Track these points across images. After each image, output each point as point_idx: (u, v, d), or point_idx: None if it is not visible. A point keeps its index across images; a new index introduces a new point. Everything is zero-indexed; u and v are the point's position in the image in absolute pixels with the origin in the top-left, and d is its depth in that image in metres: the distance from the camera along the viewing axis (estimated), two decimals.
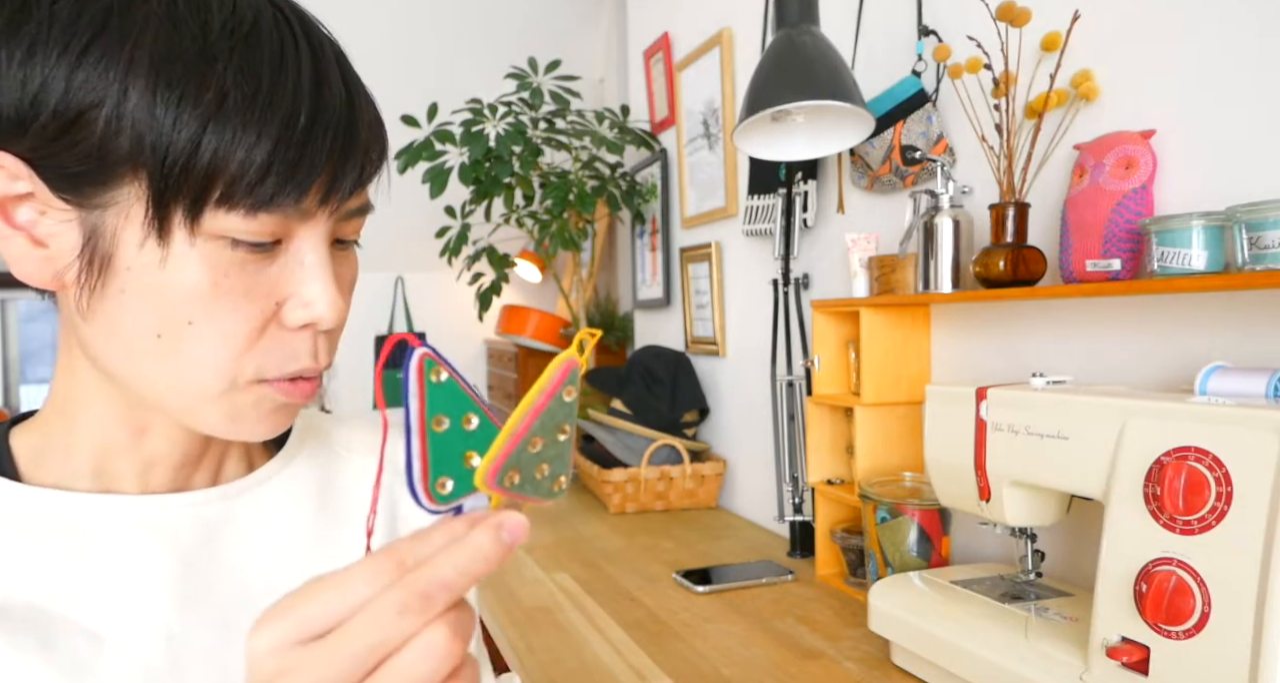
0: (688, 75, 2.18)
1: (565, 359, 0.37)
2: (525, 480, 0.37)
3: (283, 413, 0.51)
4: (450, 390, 0.37)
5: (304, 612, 0.33)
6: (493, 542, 0.34)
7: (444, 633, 0.33)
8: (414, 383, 0.36)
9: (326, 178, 0.46)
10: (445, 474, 0.37)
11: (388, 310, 3.90)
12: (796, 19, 1.30)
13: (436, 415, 0.36)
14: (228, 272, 0.45)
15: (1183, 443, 0.74)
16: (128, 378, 0.48)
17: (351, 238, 0.52)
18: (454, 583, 0.33)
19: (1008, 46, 1.11)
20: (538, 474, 0.37)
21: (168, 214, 0.43)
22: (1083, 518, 1.08)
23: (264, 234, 0.45)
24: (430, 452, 0.36)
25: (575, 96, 2.39)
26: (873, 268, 1.38)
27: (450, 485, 0.37)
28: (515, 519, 0.35)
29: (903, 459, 1.37)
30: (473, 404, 0.38)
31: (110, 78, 0.41)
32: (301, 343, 0.49)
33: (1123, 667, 0.77)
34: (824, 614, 1.31)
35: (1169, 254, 0.89)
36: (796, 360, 1.72)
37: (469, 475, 0.37)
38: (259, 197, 0.43)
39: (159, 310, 0.45)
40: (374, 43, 3.19)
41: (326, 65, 0.46)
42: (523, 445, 0.36)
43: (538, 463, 0.37)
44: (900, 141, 1.39)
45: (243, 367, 0.47)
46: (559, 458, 0.38)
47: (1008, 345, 1.23)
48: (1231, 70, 0.92)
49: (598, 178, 2.42)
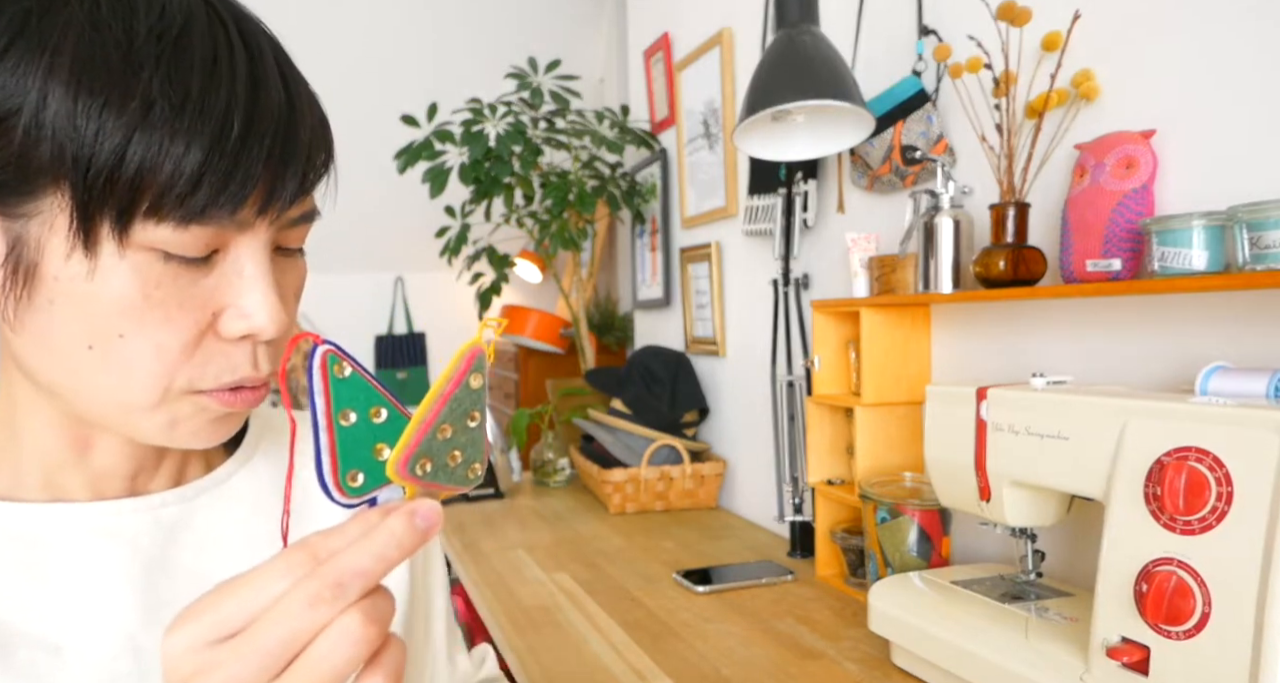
0: (688, 75, 2.18)
1: (471, 347, 0.38)
2: (438, 468, 0.38)
3: (224, 423, 0.50)
4: (355, 385, 0.37)
5: (218, 611, 0.33)
6: (406, 527, 0.34)
7: (357, 620, 0.33)
8: (318, 379, 0.37)
9: (264, 187, 0.44)
10: (355, 467, 0.37)
11: (387, 310, 3.90)
12: (796, 19, 1.30)
13: (343, 410, 0.37)
14: (159, 283, 0.43)
15: (1183, 443, 0.74)
16: (62, 391, 0.47)
17: (295, 246, 0.50)
18: (367, 570, 0.34)
19: (1008, 46, 1.11)
20: (450, 461, 0.38)
21: (93, 226, 0.42)
22: (1083, 518, 1.08)
23: (198, 247, 0.43)
24: (339, 445, 0.37)
25: (575, 96, 2.39)
26: (873, 268, 1.38)
27: (361, 478, 0.37)
28: (429, 505, 0.36)
29: (903, 459, 1.37)
30: (380, 397, 0.38)
31: (28, 84, 0.40)
32: (240, 354, 0.47)
33: (1123, 667, 0.77)
34: (824, 615, 1.31)
35: (1170, 254, 0.89)
36: (796, 360, 1.72)
37: (380, 467, 0.38)
38: (190, 208, 0.42)
39: (88, 322, 0.44)
40: (374, 43, 3.19)
41: (264, 69, 0.44)
42: (432, 433, 0.37)
43: (449, 450, 0.38)
44: (900, 141, 1.39)
45: (175, 378, 0.46)
46: (471, 444, 0.39)
47: (1008, 345, 1.23)
48: (1232, 70, 0.92)
49: (598, 178, 2.42)
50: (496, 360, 3.75)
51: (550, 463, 2.32)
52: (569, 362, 3.31)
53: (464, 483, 0.39)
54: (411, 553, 0.35)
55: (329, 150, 0.49)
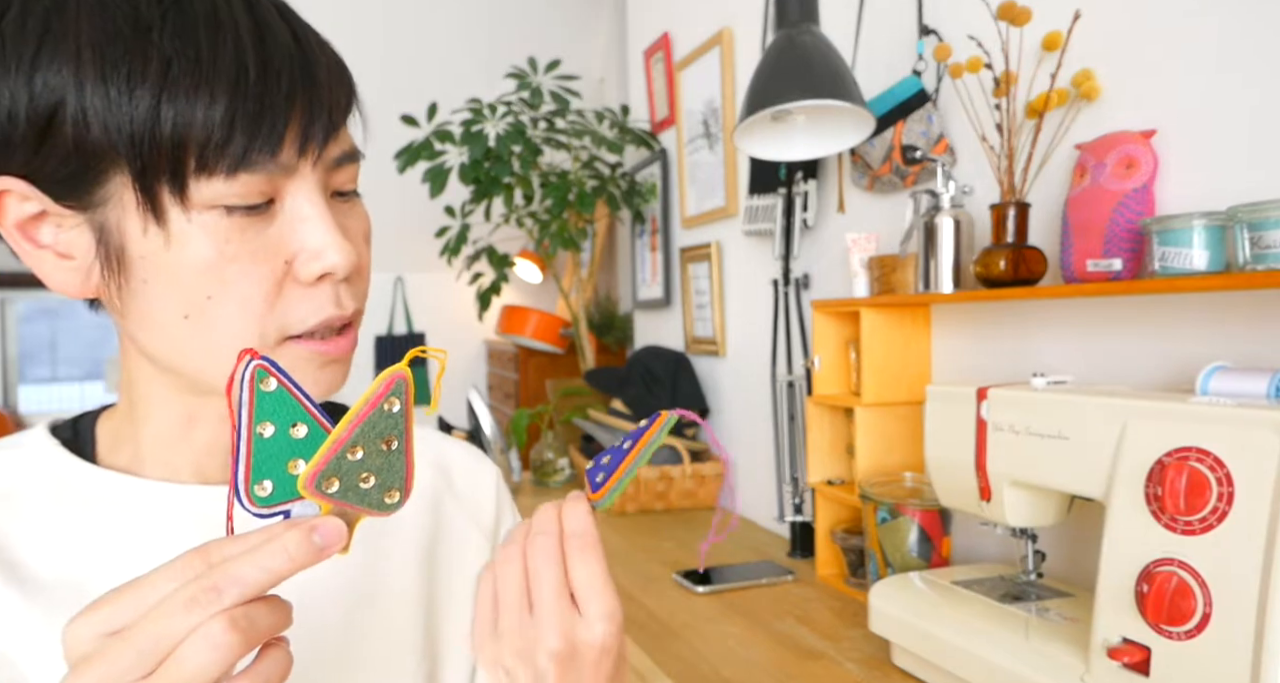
0: (688, 75, 2.18)
1: (391, 372, 0.39)
2: (348, 488, 0.38)
3: (328, 371, 0.51)
4: (279, 399, 0.39)
5: (114, 606, 0.35)
6: (299, 541, 0.36)
7: (220, 625, 0.33)
8: (245, 391, 0.38)
9: (297, 126, 0.46)
10: (266, 478, 0.38)
11: (388, 310, 3.89)
12: (797, 19, 1.30)
13: (262, 421, 0.38)
14: (229, 238, 0.46)
15: (1184, 443, 0.74)
16: (172, 363, 0.50)
17: (349, 188, 0.52)
18: (247, 578, 0.35)
19: (1008, 46, 1.11)
20: (361, 483, 0.38)
21: (155, 194, 0.44)
22: (1083, 518, 1.08)
23: (252, 195, 0.45)
24: (254, 455, 0.38)
25: (575, 96, 2.39)
26: (873, 268, 1.38)
27: (270, 488, 0.38)
28: (332, 524, 0.37)
29: (903, 459, 1.37)
30: (304, 414, 0.39)
31: (64, 75, 0.43)
32: (323, 295, 0.49)
33: (1124, 668, 0.76)
34: (824, 615, 1.31)
35: (1170, 254, 0.89)
36: (796, 360, 1.72)
37: (292, 481, 0.39)
38: (232, 156, 0.44)
39: (179, 291, 0.46)
40: (374, 42, 3.19)
41: (264, 14, 0.46)
42: (342, 453, 0.38)
43: (360, 471, 0.38)
44: (901, 141, 1.39)
45: (266, 327, 0.48)
46: (387, 469, 0.39)
47: (1008, 345, 1.23)
48: (1232, 70, 0.92)
49: (598, 178, 2.42)
50: (498, 361, 3.75)
51: (550, 463, 2.32)
52: (569, 362, 3.31)
53: (378, 507, 0.39)
54: (302, 567, 0.36)
55: (349, 89, 0.51)
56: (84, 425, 0.57)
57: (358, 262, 0.50)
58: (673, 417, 0.47)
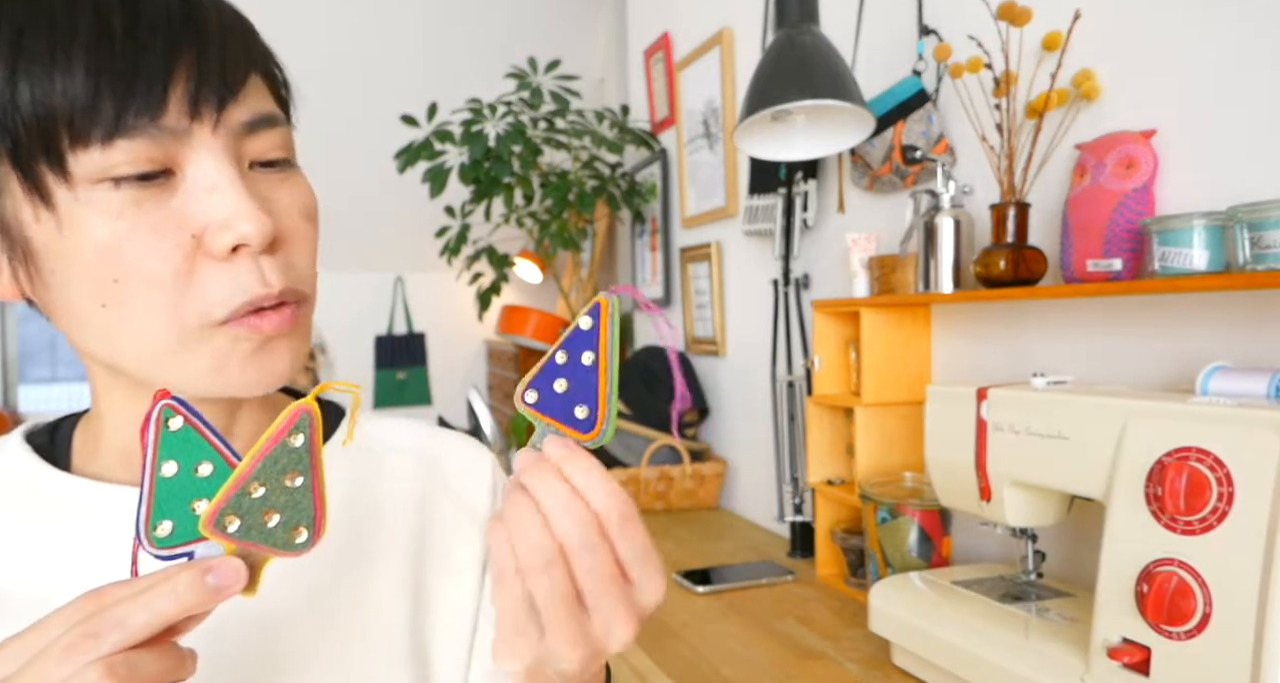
0: (688, 75, 2.18)
1: (296, 407, 0.38)
2: (250, 527, 0.37)
3: (266, 355, 0.48)
4: (184, 438, 0.38)
5: (8, 651, 0.34)
6: (191, 583, 0.34)
7: (96, 673, 0.32)
8: (151, 430, 0.38)
9: (183, 87, 0.42)
10: (166, 517, 0.38)
11: (387, 310, 3.89)
12: (796, 19, 1.30)
13: (165, 460, 0.38)
14: (121, 213, 0.43)
15: (1184, 443, 0.74)
16: (109, 359, 0.47)
17: (275, 156, 0.48)
18: (129, 622, 0.33)
19: (1008, 46, 1.11)
20: (264, 520, 0.37)
21: (36, 175, 0.42)
22: (1083, 518, 1.08)
23: (140, 163, 0.42)
24: (155, 496, 0.38)
25: (575, 96, 2.39)
26: (873, 268, 1.38)
27: (169, 528, 0.38)
28: (229, 565, 0.36)
29: (903, 459, 1.37)
30: (209, 452, 0.38)
31: None
32: (244, 272, 0.45)
33: (1124, 668, 0.76)
34: (824, 615, 1.31)
35: (1170, 254, 0.89)
36: (796, 360, 1.72)
37: (194, 521, 0.38)
38: (104, 122, 0.41)
39: (85, 278, 0.44)
40: (374, 43, 3.19)
41: None
42: (243, 489, 0.37)
43: (262, 509, 0.37)
44: (901, 141, 1.39)
45: (184, 310, 0.45)
46: (291, 506, 0.38)
47: (1008, 345, 1.23)
48: (1232, 70, 0.92)
49: (598, 178, 2.42)
50: (498, 361, 3.75)
51: None
52: None
53: (283, 546, 0.38)
54: (193, 610, 0.35)
55: (252, 45, 0.47)
56: (62, 431, 0.55)
57: (274, 231, 0.45)
58: (613, 298, 0.41)
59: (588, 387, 0.41)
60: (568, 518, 0.39)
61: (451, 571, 0.60)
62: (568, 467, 0.40)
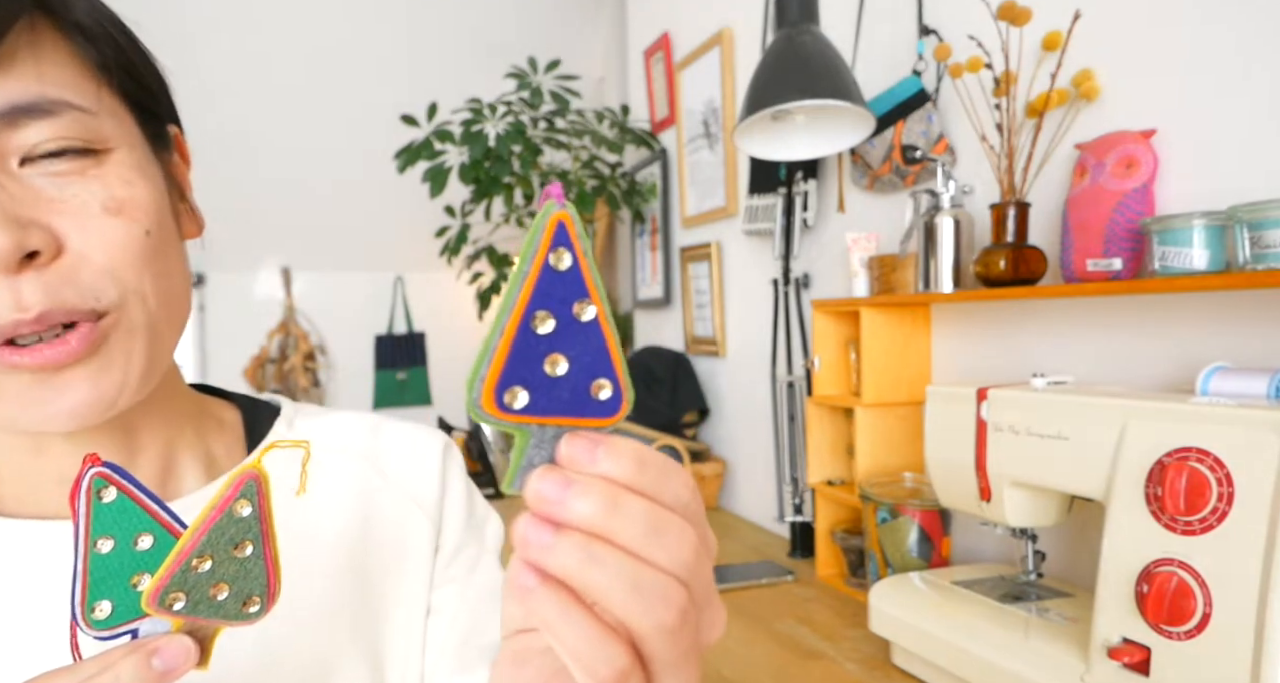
0: (688, 75, 2.18)
1: (242, 471, 0.35)
2: (197, 602, 0.35)
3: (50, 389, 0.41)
4: (120, 509, 0.36)
5: None
6: (135, 670, 0.32)
7: None
8: (82, 503, 0.35)
9: None
10: (104, 597, 0.35)
11: (387, 310, 3.89)
12: (796, 19, 1.30)
13: (100, 536, 0.35)
14: None
15: (1184, 443, 0.74)
16: None
17: (49, 149, 0.41)
18: None
19: (1008, 46, 1.11)
20: (213, 595, 0.35)
21: None
22: (1084, 518, 1.08)
23: None
24: (90, 574, 0.35)
25: (575, 96, 2.39)
26: (873, 268, 1.38)
27: (108, 609, 0.35)
28: (177, 645, 0.33)
29: (903, 459, 1.37)
30: (149, 522, 0.36)
31: None
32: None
33: (1124, 668, 0.77)
34: (824, 615, 1.31)
35: (1170, 254, 0.89)
36: (796, 360, 1.72)
37: (136, 598, 0.35)
38: None
39: None
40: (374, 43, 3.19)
41: None
42: (187, 564, 0.34)
43: (210, 583, 0.35)
44: (900, 141, 1.39)
45: None
46: (243, 576, 0.35)
47: (1008, 345, 1.23)
48: (1232, 70, 0.92)
49: (598, 178, 2.42)
50: None
51: None
52: None
53: (235, 617, 0.35)
54: None
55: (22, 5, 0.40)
56: None
57: (20, 245, 0.38)
58: (567, 207, 0.29)
59: (598, 351, 0.29)
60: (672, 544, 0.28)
61: (398, 559, 0.58)
62: (631, 472, 0.28)
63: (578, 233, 0.28)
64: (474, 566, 0.61)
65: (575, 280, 0.29)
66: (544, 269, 0.28)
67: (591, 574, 0.26)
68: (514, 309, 0.28)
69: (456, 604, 0.59)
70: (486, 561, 0.62)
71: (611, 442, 0.28)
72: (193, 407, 0.55)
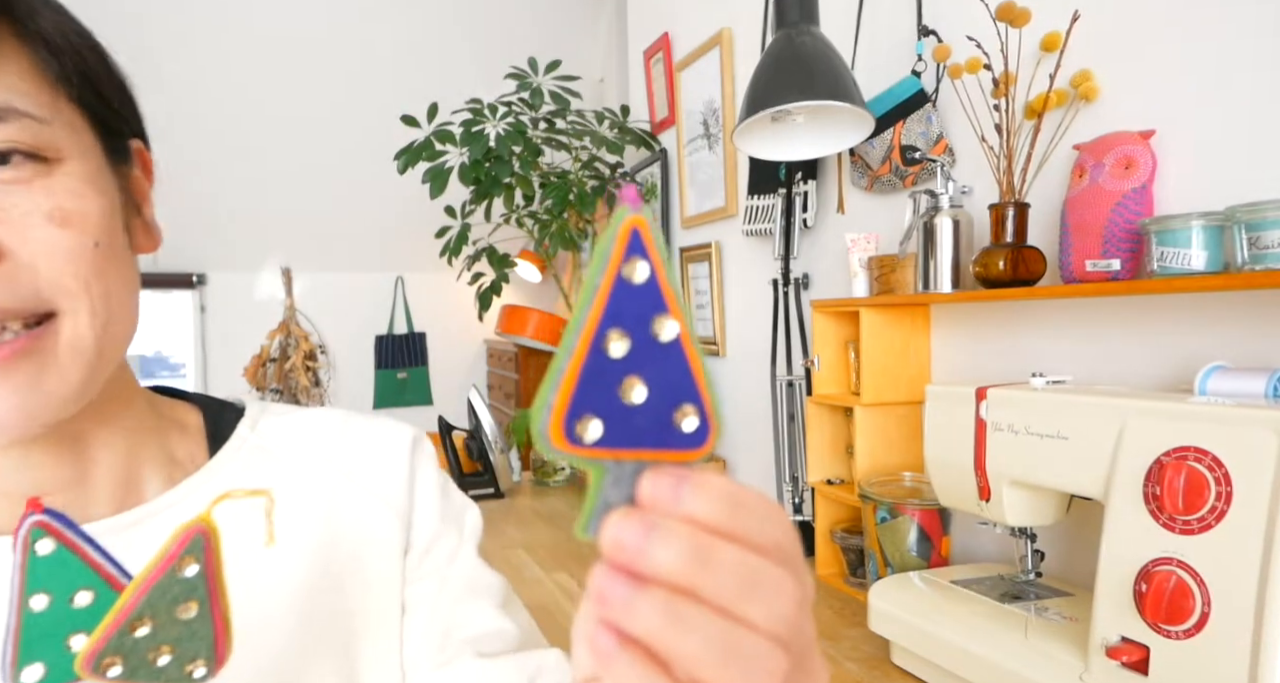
0: (688, 75, 2.18)
1: (187, 528, 0.33)
2: (136, 667, 0.32)
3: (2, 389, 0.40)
4: (58, 562, 0.33)
5: None
6: None
7: None
8: (16, 555, 0.33)
9: None
10: (36, 659, 0.33)
11: (388, 310, 3.90)
12: (796, 19, 1.30)
13: (35, 592, 0.33)
14: None
15: (1182, 443, 0.74)
16: None
17: None
18: None
19: (1007, 46, 1.11)
20: (153, 659, 0.32)
21: None
22: (1082, 518, 1.08)
23: None
24: (21, 634, 0.33)
25: (575, 96, 2.39)
26: (873, 268, 1.38)
27: (40, 672, 0.33)
28: None
29: (903, 459, 1.38)
30: (90, 577, 0.33)
31: None
32: None
33: (1122, 667, 0.77)
34: (824, 614, 1.31)
35: (1169, 254, 0.89)
36: (796, 360, 1.72)
37: (70, 660, 0.33)
38: None
39: None
40: (374, 44, 3.19)
41: None
42: (125, 627, 0.32)
43: (151, 645, 0.32)
44: (900, 141, 1.39)
45: None
46: (188, 637, 0.33)
47: (1008, 345, 1.23)
48: (1231, 70, 0.92)
49: (598, 178, 2.42)
50: (498, 361, 3.75)
51: (550, 463, 2.33)
52: None
53: (181, 681, 0.33)
54: None
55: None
56: None
57: None
58: (644, 210, 0.25)
59: (681, 373, 0.25)
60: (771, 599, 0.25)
61: (366, 567, 0.56)
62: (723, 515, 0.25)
63: (655, 240, 0.25)
64: (452, 557, 0.60)
65: (653, 293, 0.25)
66: (617, 282, 0.25)
67: (678, 639, 0.23)
68: (584, 328, 0.25)
69: (434, 598, 0.58)
70: (465, 551, 0.61)
71: (699, 479, 0.25)
72: (149, 412, 0.53)
